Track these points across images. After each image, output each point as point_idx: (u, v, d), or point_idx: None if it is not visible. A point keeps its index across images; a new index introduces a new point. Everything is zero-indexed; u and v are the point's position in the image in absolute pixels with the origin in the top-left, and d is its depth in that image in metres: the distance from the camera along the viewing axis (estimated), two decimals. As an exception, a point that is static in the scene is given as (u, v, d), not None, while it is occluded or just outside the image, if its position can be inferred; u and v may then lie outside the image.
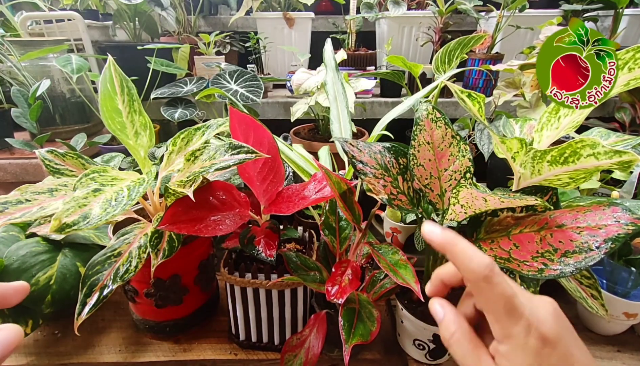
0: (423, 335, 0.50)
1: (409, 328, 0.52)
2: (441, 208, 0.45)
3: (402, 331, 0.54)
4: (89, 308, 0.43)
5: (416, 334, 0.51)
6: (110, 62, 0.48)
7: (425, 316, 0.48)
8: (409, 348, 0.54)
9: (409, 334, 0.52)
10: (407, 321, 0.51)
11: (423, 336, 0.50)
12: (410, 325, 0.51)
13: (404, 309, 0.50)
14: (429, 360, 0.52)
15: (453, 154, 0.44)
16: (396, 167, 0.46)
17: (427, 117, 0.45)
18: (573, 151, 0.35)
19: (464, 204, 0.40)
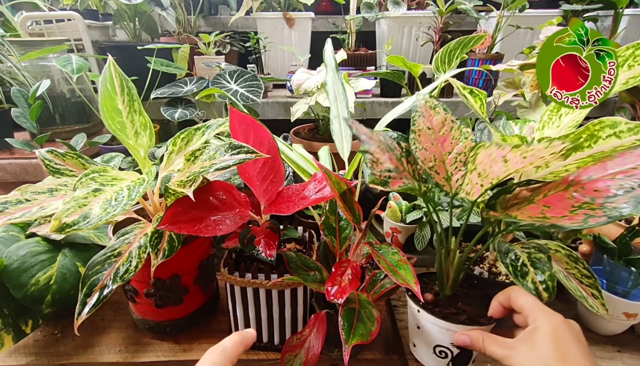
0: (445, 338, 0.44)
1: (429, 332, 0.45)
2: (449, 191, 0.42)
3: (419, 339, 0.48)
4: (89, 308, 0.43)
5: (437, 339, 0.45)
6: (110, 62, 0.48)
7: (446, 315, 0.44)
8: (426, 359, 0.48)
9: (428, 340, 0.46)
10: (427, 325, 0.45)
11: (445, 341, 0.44)
12: (431, 328, 0.45)
13: (422, 310, 0.45)
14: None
15: (455, 137, 0.42)
16: (399, 149, 0.43)
17: (425, 105, 0.44)
18: (590, 135, 0.35)
19: (481, 172, 0.37)
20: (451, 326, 0.42)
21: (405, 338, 0.58)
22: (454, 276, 0.45)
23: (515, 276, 0.42)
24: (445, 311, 0.44)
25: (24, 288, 0.51)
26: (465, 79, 1.24)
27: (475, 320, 0.43)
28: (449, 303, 0.45)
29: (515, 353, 0.36)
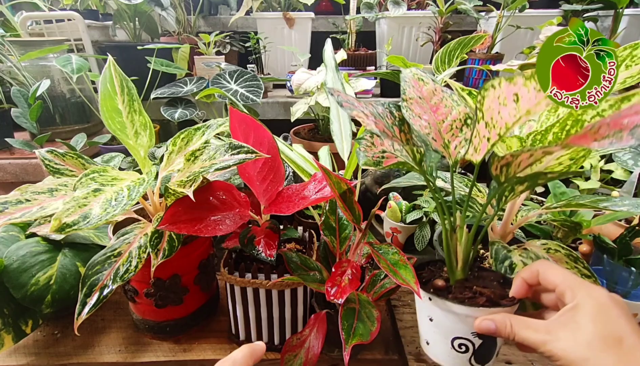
0: (465, 328, 0.38)
1: (445, 323, 0.39)
2: (450, 158, 0.39)
3: (433, 334, 0.41)
4: (89, 308, 0.43)
5: (455, 330, 0.38)
6: (110, 62, 0.48)
7: (462, 300, 0.38)
8: (444, 357, 0.40)
9: (444, 333, 0.39)
10: (442, 315, 0.38)
11: (465, 331, 0.38)
12: (447, 317, 0.38)
13: (435, 297, 0.38)
14: (475, 364, 0.39)
15: (448, 106, 0.40)
16: (391, 118, 0.40)
17: (413, 77, 0.43)
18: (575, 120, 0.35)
19: (488, 122, 0.34)
20: (470, 311, 0.36)
21: (407, 338, 0.58)
22: (464, 256, 0.40)
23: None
24: (460, 296, 0.38)
25: (24, 288, 0.51)
26: (465, 79, 1.24)
27: (496, 302, 0.37)
28: (463, 287, 0.39)
29: (554, 337, 0.30)
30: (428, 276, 0.42)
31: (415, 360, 0.54)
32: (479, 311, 0.36)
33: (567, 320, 0.30)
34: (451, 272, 0.41)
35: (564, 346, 0.29)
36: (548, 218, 0.55)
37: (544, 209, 0.50)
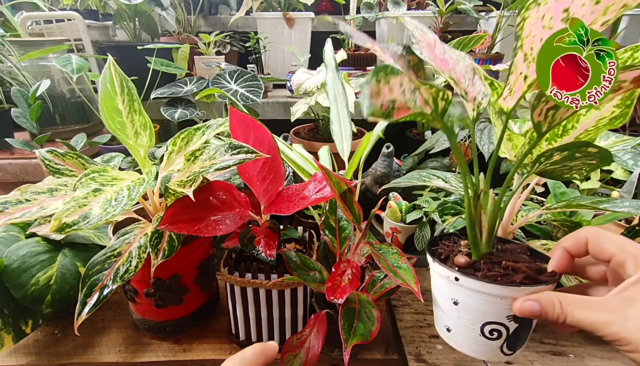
0: (499, 310, 0.32)
1: (474, 307, 0.33)
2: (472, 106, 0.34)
3: (457, 319, 0.34)
4: (89, 308, 0.43)
5: (487, 314, 0.32)
6: (110, 62, 0.48)
7: (496, 278, 0.32)
8: (470, 345, 0.34)
9: (473, 319, 0.33)
10: (471, 296, 0.32)
11: (499, 314, 0.32)
12: (477, 300, 0.32)
13: (464, 276, 0.32)
14: (507, 352, 0.34)
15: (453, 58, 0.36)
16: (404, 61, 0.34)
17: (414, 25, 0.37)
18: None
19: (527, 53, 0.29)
20: (508, 291, 0.30)
21: (407, 338, 0.58)
22: (489, 226, 0.35)
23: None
24: (491, 273, 0.32)
25: (24, 288, 0.51)
26: (465, 79, 1.24)
27: (535, 279, 0.31)
28: (491, 263, 0.34)
29: (620, 316, 0.25)
30: (445, 252, 0.37)
31: (415, 360, 0.54)
32: (518, 291, 0.30)
33: (634, 294, 0.25)
34: (474, 246, 0.35)
35: (635, 327, 0.24)
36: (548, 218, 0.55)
37: (544, 209, 0.50)
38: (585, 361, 0.53)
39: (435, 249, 0.37)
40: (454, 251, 0.37)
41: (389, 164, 0.78)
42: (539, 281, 0.31)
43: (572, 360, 0.54)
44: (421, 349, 0.56)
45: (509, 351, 0.34)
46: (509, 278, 0.32)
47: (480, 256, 0.35)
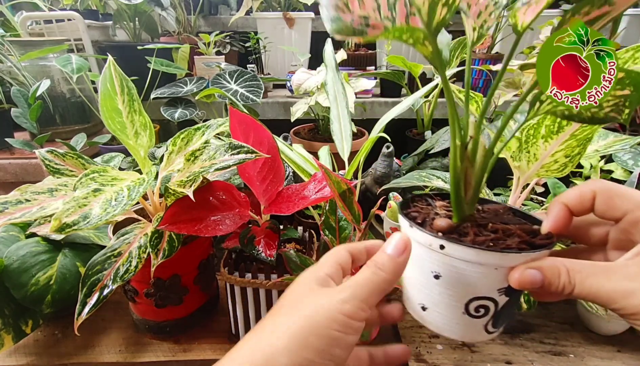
0: (490, 283, 0.26)
1: (460, 280, 0.27)
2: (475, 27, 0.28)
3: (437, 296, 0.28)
4: (89, 308, 0.43)
5: (478, 288, 0.26)
6: (110, 62, 0.48)
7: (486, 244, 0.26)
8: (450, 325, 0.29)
9: (457, 294, 0.27)
10: (457, 268, 0.26)
11: (490, 287, 0.26)
12: (467, 271, 0.26)
13: (450, 243, 0.26)
14: (491, 330, 0.28)
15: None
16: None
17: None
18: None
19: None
20: (506, 259, 0.25)
21: (407, 338, 0.58)
22: (476, 182, 0.29)
23: None
24: (480, 238, 0.26)
25: (24, 288, 0.51)
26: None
27: (532, 243, 0.26)
28: (477, 226, 0.28)
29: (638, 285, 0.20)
30: (420, 215, 0.30)
31: (415, 360, 0.54)
32: (518, 258, 0.25)
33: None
34: (457, 206, 0.29)
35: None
36: (548, 217, 0.55)
37: (543, 209, 0.50)
38: (585, 361, 0.53)
39: (408, 213, 0.30)
40: (430, 214, 0.30)
41: (389, 164, 0.78)
42: (536, 245, 0.26)
43: (572, 360, 0.54)
44: (421, 349, 0.56)
45: (493, 329, 0.29)
46: (502, 242, 0.26)
47: (463, 219, 0.29)
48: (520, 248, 0.25)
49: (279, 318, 0.24)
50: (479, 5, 0.26)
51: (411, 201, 0.33)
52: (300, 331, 0.22)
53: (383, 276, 0.25)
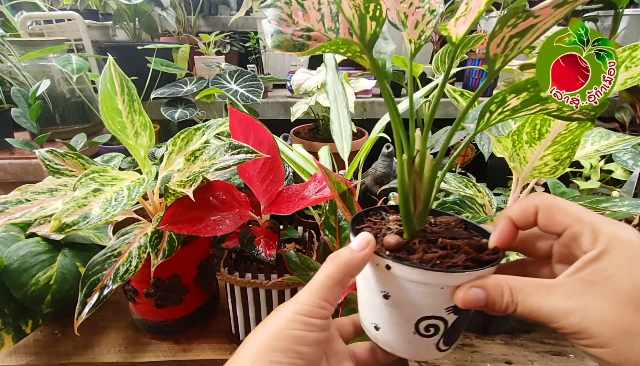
0: (438, 302, 0.26)
1: (408, 301, 0.26)
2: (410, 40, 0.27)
3: (388, 316, 0.28)
4: (89, 308, 0.43)
5: (425, 308, 0.26)
6: (110, 62, 0.48)
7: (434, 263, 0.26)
8: (401, 345, 0.28)
9: (406, 315, 0.27)
10: (404, 288, 0.26)
11: (438, 307, 0.26)
12: (414, 291, 0.25)
13: (396, 263, 0.25)
14: (443, 348, 0.28)
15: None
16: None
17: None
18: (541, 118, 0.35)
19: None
20: (450, 279, 0.24)
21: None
22: (425, 196, 0.28)
23: None
24: (429, 255, 0.26)
25: (24, 288, 0.51)
26: (465, 79, 1.24)
27: (478, 259, 0.26)
28: (426, 242, 0.28)
29: (581, 303, 0.20)
30: (373, 231, 0.29)
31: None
32: (462, 277, 0.24)
33: (594, 275, 0.21)
34: (407, 222, 0.28)
35: (599, 317, 0.19)
36: (548, 218, 0.55)
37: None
38: (586, 361, 0.53)
39: (361, 228, 0.30)
40: (382, 230, 0.30)
41: (389, 164, 0.78)
42: (483, 261, 0.26)
43: (572, 360, 0.54)
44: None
45: (444, 347, 0.28)
46: (448, 260, 0.26)
47: (413, 234, 0.28)
48: (466, 266, 0.25)
49: (248, 339, 0.25)
50: (416, 15, 0.25)
51: (365, 214, 0.32)
52: (264, 340, 0.23)
53: (342, 268, 0.25)
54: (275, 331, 0.24)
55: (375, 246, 0.26)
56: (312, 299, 0.24)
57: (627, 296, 0.19)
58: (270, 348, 0.23)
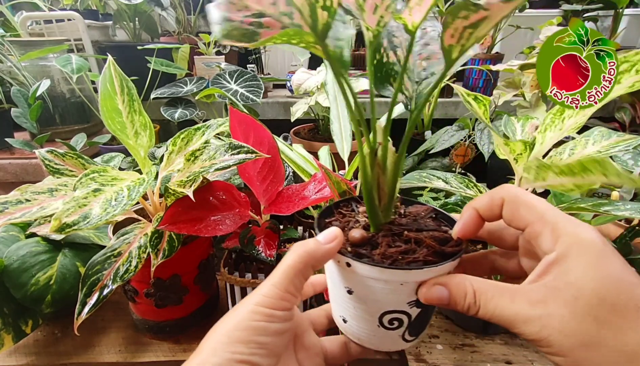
0: (400, 298, 0.26)
1: (370, 297, 0.27)
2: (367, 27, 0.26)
3: (353, 310, 0.28)
4: (89, 308, 0.43)
5: (387, 303, 0.26)
6: (110, 62, 0.48)
7: (395, 258, 0.25)
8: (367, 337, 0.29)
9: (369, 309, 0.27)
10: (366, 284, 0.26)
11: (400, 302, 0.26)
12: (375, 287, 0.26)
13: (356, 262, 0.25)
14: (409, 339, 0.29)
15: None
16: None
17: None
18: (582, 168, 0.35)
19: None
20: (409, 276, 0.25)
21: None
22: (390, 189, 0.28)
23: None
24: (391, 251, 0.26)
25: (24, 288, 0.51)
26: (466, 79, 1.24)
27: (442, 252, 0.26)
28: (391, 236, 0.27)
29: (541, 311, 0.20)
30: (341, 225, 0.29)
31: (415, 360, 0.54)
32: (421, 274, 0.24)
33: (556, 280, 0.20)
34: (372, 215, 0.28)
35: (559, 326, 0.19)
36: (548, 218, 0.55)
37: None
38: (585, 362, 0.53)
39: (330, 222, 0.30)
40: (350, 223, 0.30)
41: (389, 164, 0.78)
42: (446, 254, 0.26)
43: (572, 360, 0.54)
44: (421, 349, 0.56)
45: (411, 338, 0.29)
46: (410, 255, 0.26)
47: (379, 228, 0.28)
48: (426, 261, 0.25)
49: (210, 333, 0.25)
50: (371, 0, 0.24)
51: (335, 206, 0.32)
52: (224, 332, 0.23)
53: (304, 258, 0.25)
54: (236, 323, 0.24)
55: (342, 241, 0.26)
56: (274, 291, 0.24)
57: (587, 304, 0.19)
58: (231, 340, 0.23)
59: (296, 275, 0.25)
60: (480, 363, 0.52)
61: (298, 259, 0.25)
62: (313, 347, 0.30)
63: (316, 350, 0.30)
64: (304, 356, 0.29)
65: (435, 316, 0.62)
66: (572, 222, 0.21)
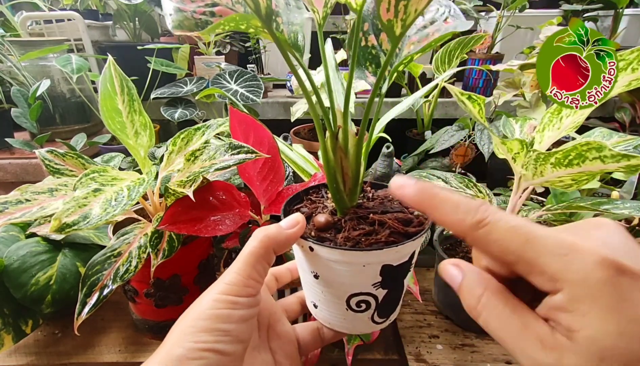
0: (365, 280, 0.26)
1: (335, 280, 0.27)
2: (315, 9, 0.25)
3: (321, 294, 0.28)
4: (89, 308, 0.43)
5: (352, 286, 0.26)
6: (110, 62, 0.48)
7: (357, 242, 0.26)
8: (337, 321, 0.29)
9: (336, 293, 0.27)
10: (331, 268, 0.26)
11: (364, 285, 0.26)
12: (338, 271, 0.26)
13: (318, 246, 0.25)
14: (379, 321, 0.29)
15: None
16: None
17: None
18: (578, 154, 0.35)
19: None
20: (369, 257, 0.25)
21: (407, 338, 0.58)
22: (353, 173, 0.28)
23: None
24: (354, 234, 0.26)
25: (24, 288, 0.51)
26: (465, 79, 1.24)
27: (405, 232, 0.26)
28: (356, 220, 0.27)
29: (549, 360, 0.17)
30: (309, 210, 0.30)
31: (415, 360, 0.54)
32: (382, 254, 0.24)
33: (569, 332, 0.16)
34: (338, 200, 0.28)
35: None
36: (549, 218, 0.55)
37: (544, 210, 0.50)
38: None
39: (299, 208, 0.30)
40: (318, 208, 0.30)
41: (389, 164, 0.78)
42: (409, 234, 0.26)
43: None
44: (421, 349, 0.56)
45: (380, 320, 0.29)
46: (373, 236, 0.26)
47: (345, 212, 0.28)
48: (388, 241, 0.25)
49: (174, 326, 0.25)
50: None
51: (304, 193, 0.32)
52: (187, 323, 0.23)
53: (265, 243, 0.25)
54: (199, 312, 0.23)
55: (305, 226, 0.26)
56: (237, 279, 0.24)
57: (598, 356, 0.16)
58: (194, 330, 0.23)
59: (258, 261, 0.25)
60: (480, 363, 0.53)
61: (259, 245, 0.25)
62: (286, 335, 0.30)
63: (289, 338, 0.30)
64: (277, 344, 0.29)
65: (435, 316, 0.62)
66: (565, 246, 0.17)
